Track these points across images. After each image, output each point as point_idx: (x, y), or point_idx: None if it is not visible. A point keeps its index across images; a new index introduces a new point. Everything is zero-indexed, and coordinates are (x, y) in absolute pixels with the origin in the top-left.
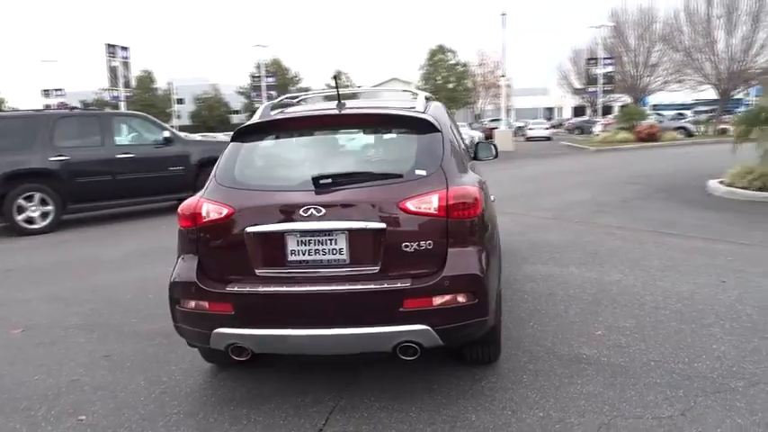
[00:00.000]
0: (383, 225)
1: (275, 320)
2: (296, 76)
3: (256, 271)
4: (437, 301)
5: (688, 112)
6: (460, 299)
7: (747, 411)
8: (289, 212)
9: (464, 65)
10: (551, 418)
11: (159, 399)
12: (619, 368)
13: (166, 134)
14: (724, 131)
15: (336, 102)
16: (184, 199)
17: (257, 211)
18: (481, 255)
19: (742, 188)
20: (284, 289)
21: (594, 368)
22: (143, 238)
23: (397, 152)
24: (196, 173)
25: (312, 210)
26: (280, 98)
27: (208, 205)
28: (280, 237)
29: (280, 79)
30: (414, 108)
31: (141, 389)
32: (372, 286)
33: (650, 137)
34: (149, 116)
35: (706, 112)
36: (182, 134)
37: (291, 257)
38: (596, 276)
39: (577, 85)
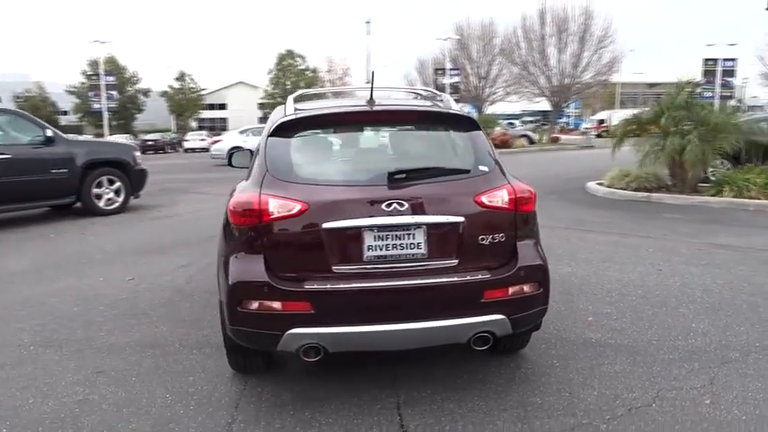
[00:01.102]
0: (461, 219)
1: (356, 317)
2: (134, 76)
3: (333, 268)
4: (512, 291)
5: (517, 122)
6: (530, 288)
7: (759, 377)
8: (366, 207)
9: (313, 70)
10: (606, 395)
11: (202, 410)
12: (630, 349)
13: (48, 133)
14: (556, 140)
15: (369, 98)
16: (68, 204)
17: (333, 206)
18: (540, 246)
19: (621, 189)
20: (366, 285)
21: (611, 350)
22: (44, 246)
23: (451, 148)
24: (81, 176)
25: (395, 204)
26: (299, 92)
27: (276, 201)
28: (357, 232)
29: (117, 78)
30: (448, 107)
31: (173, 402)
32: (456, 279)
33: (504, 144)
34: (26, 113)
35: (532, 121)
36: (69, 135)
37: (368, 253)
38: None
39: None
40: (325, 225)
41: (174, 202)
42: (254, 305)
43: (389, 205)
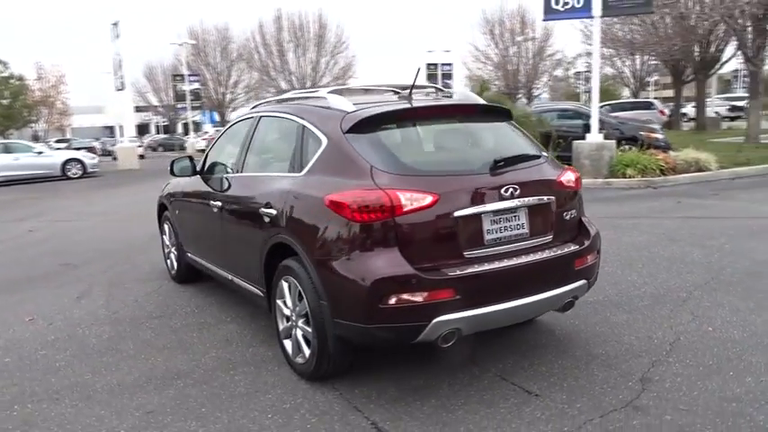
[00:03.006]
0: (553, 198)
1: (490, 298)
2: None
3: (464, 253)
4: (589, 258)
5: None
6: (596, 255)
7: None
8: (483, 194)
9: (19, 78)
10: (641, 337)
11: (319, 419)
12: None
13: None
14: None
15: (436, 93)
16: None
17: (458, 195)
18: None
19: None
20: (498, 266)
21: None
22: None
23: (513, 137)
24: None
25: (511, 189)
26: (337, 87)
27: (407, 194)
28: (479, 218)
29: None
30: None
31: (269, 424)
32: (560, 252)
33: None
34: None
35: None
36: None
37: (488, 237)
38: None
39: (155, 101)
40: (457, 213)
41: None
42: (399, 299)
43: (507, 191)
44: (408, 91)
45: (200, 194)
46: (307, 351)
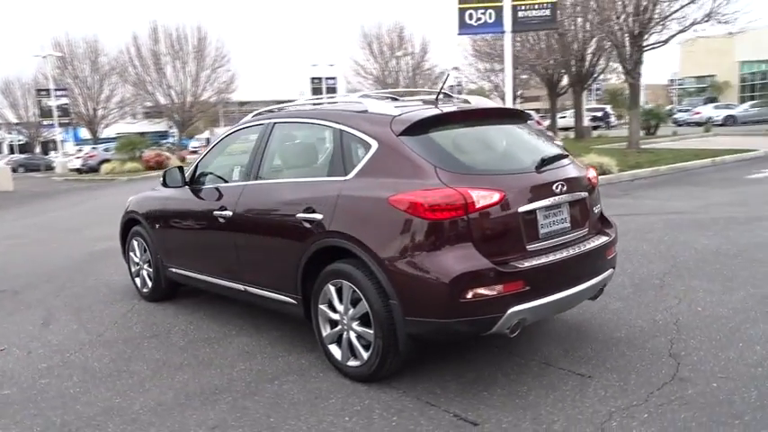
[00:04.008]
0: (586, 194)
1: (552, 288)
2: None
3: (527, 246)
4: (614, 248)
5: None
6: (616, 247)
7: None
8: (538, 191)
9: None
10: (678, 310)
11: (400, 417)
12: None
13: None
14: (183, 159)
15: (445, 98)
16: None
17: (519, 192)
18: None
19: None
20: (558, 257)
21: None
22: None
23: (543, 139)
24: None
25: (560, 185)
26: (366, 92)
27: (478, 192)
28: (534, 213)
29: None
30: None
31: (352, 426)
32: (599, 243)
33: (159, 165)
34: None
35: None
36: None
37: (542, 231)
38: None
39: (12, 118)
40: (521, 209)
41: None
42: (477, 292)
43: (557, 187)
44: (435, 96)
45: (196, 205)
46: (364, 353)
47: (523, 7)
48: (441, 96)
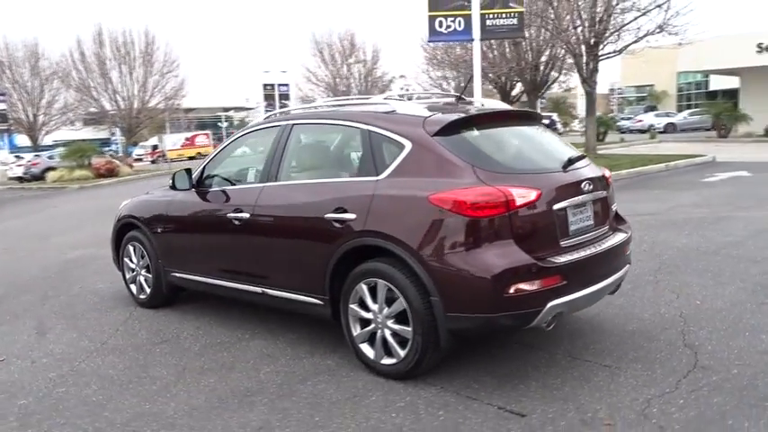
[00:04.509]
0: (606, 192)
1: (585, 282)
2: None
3: (561, 242)
4: (631, 246)
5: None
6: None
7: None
8: (568, 189)
9: None
10: (679, 304)
11: (447, 411)
12: None
13: None
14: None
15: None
16: None
17: (553, 190)
18: None
19: None
20: (590, 252)
21: None
22: None
23: (554, 138)
24: None
25: (587, 184)
26: (389, 95)
27: (517, 190)
28: (565, 211)
29: None
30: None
31: (401, 422)
32: (621, 238)
33: (110, 172)
34: None
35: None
36: None
37: (571, 228)
38: None
39: None
40: (555, 206)
41: None
42: (520, 287)
43: (585, 185)
44: (456, 98)
45: (205, 208)
46: (400, 351)
47: (492, 16)
48: (454, 99)
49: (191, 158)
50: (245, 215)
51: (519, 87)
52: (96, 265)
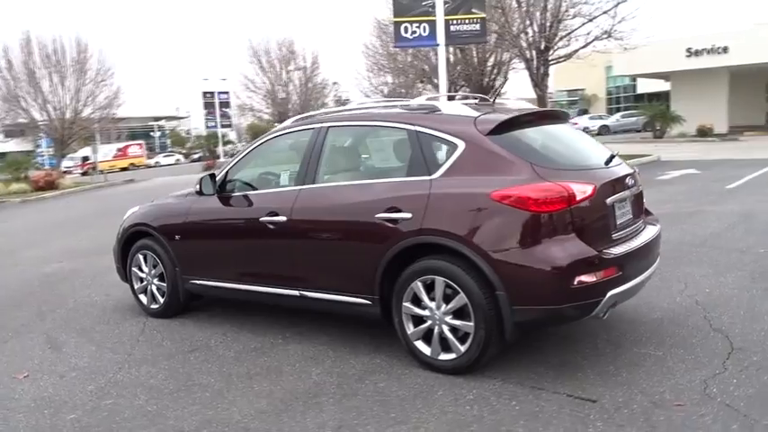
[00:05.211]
0: (641, 188)
1: (635, 272)
2: None
3: (612, 234)
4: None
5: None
6: None
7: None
8: (615, 184)
9: None
10: (691, 293)
11: (519, 401)
12: None
13: None
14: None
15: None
16: None
17: (603, 185)
18: None
19: None
20: (633, 245)
21: None
22: None
23: (584, 136)
24: None
25: (629, 179)
26: (431, 96)
27: (577, 185)
28: (613, 205)
29: None
30: None
31: (479, 414)
32: (654, 233)
33: (50, 185)
34: None
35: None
36: None
37: (618, 221)
38: None
39: None
40: (608, 200)
41: None
42: (584, 279)
43: (628, 181)
44: (492, 99)
45: (233, 213)
46: (461, 346)
47: (455, 22)
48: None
49: (123, 169)
50: (282, 218)
51: (464, 92)
52: (81, 278)
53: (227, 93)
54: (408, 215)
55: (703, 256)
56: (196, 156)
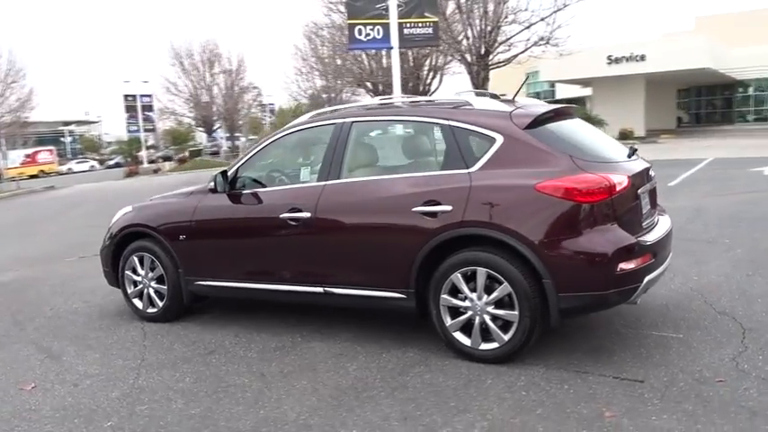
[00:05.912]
0: (656, 182)
1: (660, 260)
2: None
3: (642, 223)
4: None
5: None
6: None
7: None
8: (641, 177)
9: None
10: (702, 281)
11: (571, 386)
12: None
13: None
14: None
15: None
16: None
17: (633, 177)
18: None
19: None
20: (661, 232)
21: None
22: None
23: (600, 131)
24: None
25: (650, 172)
26: (465, 92)
27: (615, 176)
28: (638, 196)
29: None
30: None
31: (538, 398)
32: (669, 224)
33: None
34: None
35: None
36: None
37: (643, 211)
38: None
39: None
40: (639, 191)
41: None
42: (626, 265)
43: (650, 173)
44: (512, 97)
45: (247, 211)
46: (503, 335)
47: (408, 25)
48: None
49: (32, 177)
50: (306, 215)
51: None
52: (48, 286)
53: (149, 96)
54: (449, 207)
55: (676, 248)
56: (112, 162)
